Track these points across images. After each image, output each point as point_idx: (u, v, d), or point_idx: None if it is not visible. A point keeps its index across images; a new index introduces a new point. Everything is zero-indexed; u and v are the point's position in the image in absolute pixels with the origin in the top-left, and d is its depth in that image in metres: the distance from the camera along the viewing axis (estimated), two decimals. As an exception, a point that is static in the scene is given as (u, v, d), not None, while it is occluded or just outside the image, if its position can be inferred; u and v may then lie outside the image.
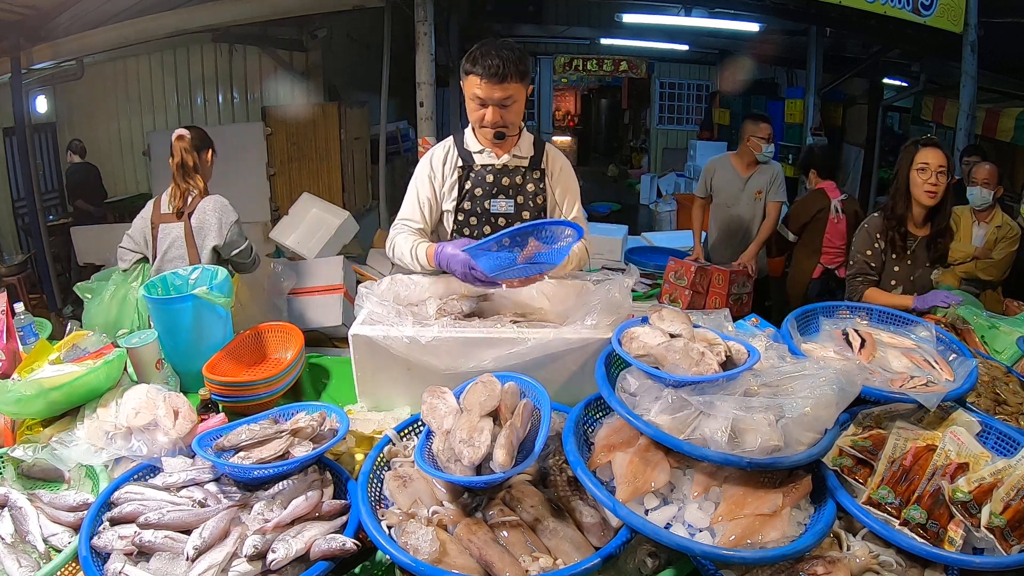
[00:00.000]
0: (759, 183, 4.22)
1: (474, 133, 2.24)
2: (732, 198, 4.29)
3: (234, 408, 1.89)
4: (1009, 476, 1.29)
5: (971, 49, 5.41)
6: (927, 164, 2.56)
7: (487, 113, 2.10)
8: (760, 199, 4.24)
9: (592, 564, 1.17)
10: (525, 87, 2.13)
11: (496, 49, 2.03)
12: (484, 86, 2.05)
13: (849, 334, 1.81)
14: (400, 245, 2.18)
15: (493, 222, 2.27)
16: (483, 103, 2.09)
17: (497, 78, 2.03)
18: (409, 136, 9.40)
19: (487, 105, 2.09)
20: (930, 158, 2.56)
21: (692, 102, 13.00)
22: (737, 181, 4.26)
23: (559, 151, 2.36)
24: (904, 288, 2.73)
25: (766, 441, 1.22)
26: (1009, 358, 2.11)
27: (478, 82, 2.05)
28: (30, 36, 5.42)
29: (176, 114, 7.64)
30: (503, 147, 2.21)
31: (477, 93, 2.07)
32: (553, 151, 2.33)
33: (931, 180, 2.56)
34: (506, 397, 1.43)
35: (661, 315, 1.58)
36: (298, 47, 7.60)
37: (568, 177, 2.33)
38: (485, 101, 2.08)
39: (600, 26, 10.91)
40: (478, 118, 2.14)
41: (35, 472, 1.58)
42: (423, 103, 5.36)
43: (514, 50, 2.06)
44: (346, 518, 1.33)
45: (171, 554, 1.24)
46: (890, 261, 2.74)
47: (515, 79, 2.06)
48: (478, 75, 2.04)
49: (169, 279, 2.26)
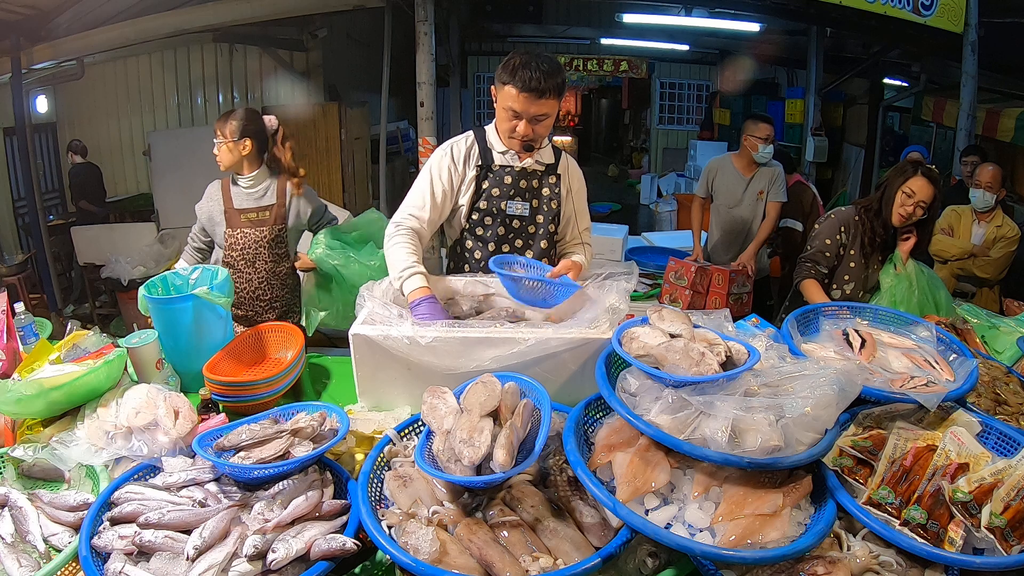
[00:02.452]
0: (761, 184, 4.22)
1: (498, 133, 2.22)
2: (734, 199, 4.28)
3: (234, 408, 1.89)
4: (1009, 476, 1.29)
5: (971, 49, 5.41)
6: (913, 193, 2.60)
7: (519, 126, 2.08)
8: (761, 200, 4.24)
9: (592, 564, 1.17)
10: (559, 103, 2.11)
11: (536, 62, 2.00)
12: (521, 100, 2.02)
13: (849, 334, 1.81)
14: (394, 257, 2.06)
15: (508, 223, 2.27)
16: (517, 116, 2.06)
17: (536, 93, 2.01)
18: (409, 136, 9.42)
19: (520, 118, 2.07)
20: (918, 188, 2.60)
21: (692, 102, 13.01)
22: (739, 182, 4.26)
23: (573, 160, 2.38)
24: (855, 284, 2.81)
25: (766, 441, 1.22)
26: (1009, 358, 2.12)
27: (515, 94, 2.02)
28: (30, 36, 5.43)
29: (176, 114, 7.65)
30: (527, 153, 2.21)
31: (512, 106, 2.04)
32: (570, 162, 2.34)
33: (908, 208, 2.62)
34: (506, 397, 1.43)
35: (661, 315, 1.58)
36: (298, 47, 7.62)
37: (582, 194, 2.37)
38: (520, 115, 2.06)
39: (600, 26, 10.92)
40: (509, 128, 2.11)
41: (35, 472, 1.58)
42: (423, 103, 5.37)
43: (553, 64, 2.03)
44: (346, 518, 1.33)
45: (171, 554, 1.24)
46: (848, 256, 2.80)
47: (553, 96, 2.04)
48: (516, 88, 2.01)
49: (169, 279, 2.26)
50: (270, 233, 2.73)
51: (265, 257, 2.76)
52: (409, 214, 2.18)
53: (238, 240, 2.72)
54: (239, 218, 2.72)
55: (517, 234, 2.30)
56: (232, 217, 2.72)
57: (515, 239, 2.31)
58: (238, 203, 2.73)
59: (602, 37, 11.33)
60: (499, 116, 2.13)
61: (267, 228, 2.73)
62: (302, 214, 2.80)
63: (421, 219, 2.17)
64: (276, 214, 2.74)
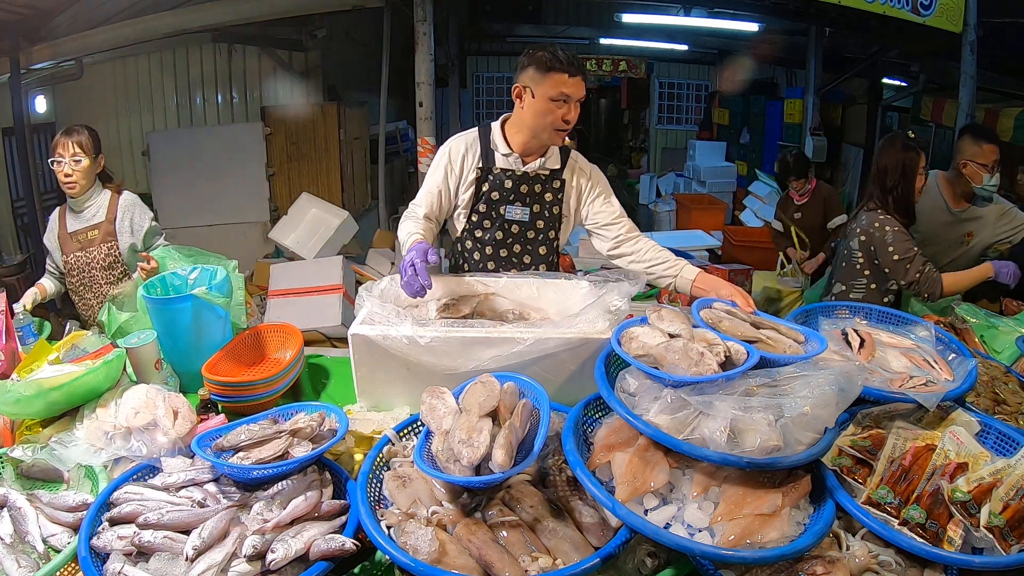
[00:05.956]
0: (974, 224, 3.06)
1: (503, 134, 2.22)
2: (931, 234, 3.09)
3: (233, 408, 1.89)
4: (1008, 476, 1.29)
5: (970, 49, 5.40)
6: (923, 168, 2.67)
7: (571, 110, 2.10)
8: (969, 244, 3.05)
9: (591, 564, 1.17)
10: None
11: (561, 49, 2.06)
12: (572, 83, 2.06)
13: (848, 334, 1.81)
14: (403, 229, 2.15)
15: (507, 228, 2.27)
16: (566, 99, 2.08)
17: (581, 73, 2.07)
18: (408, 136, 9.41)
19: (569, 102, 2.09)
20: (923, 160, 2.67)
21: (691, 102, 12.98)
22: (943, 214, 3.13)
23: (582, 157, 2.34)
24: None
25: (765, 441, 1.22)
26: (1008, 358, 2.12)
27: (566, 79, 2.05)
28: (29, 36, 5.41)
29: (175, 114, 7.63)
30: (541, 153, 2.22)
31: (565, 91, 2.06)
32: (579, 161, 2.31)
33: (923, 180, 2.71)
34: (505, 397, 1.43)
35: (660, 315, 1.58)
36: (297, 47, 7.60)
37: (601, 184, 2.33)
38: (570, 97, 2.08)
39: (599, 26, 10.91)
40: (559, 116, 2.10)
41: (34, 472, 1.58)
42: (422, 103, 5.36)
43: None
44: (345, 518, 1.33)
45: (170, 554, 1.24)
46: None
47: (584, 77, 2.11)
48: (567, 73, 2.04)
49: (168, 279, 2.26)
50: (100, 253, 2.72)
51: (100, 281, 2.76)
52: (415, 206, 2.25)
53: (73, 264, 2.73)
54: (71, 242, 2.71)
55: (516, 239, 2.30)
56: (66, 242, 2.72)
57: (513, 244, 2.30)
58: (71, 226, 2.73)
59: (601, 37, 11.31)
60: (539, 110, 2.10)
61: (96, 248, 2.72)
62: (136, 229, 2.76)
63: (419, 215, 2.20)
64: (105, 231, 2.72)
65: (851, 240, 2.79)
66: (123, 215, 2.74)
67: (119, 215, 2.73)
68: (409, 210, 2.25)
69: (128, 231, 2.74)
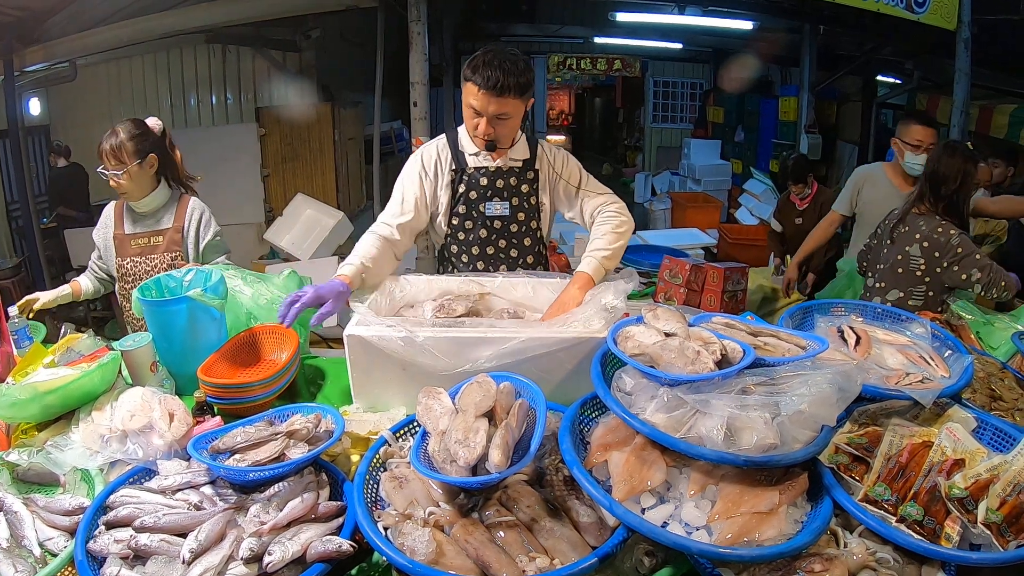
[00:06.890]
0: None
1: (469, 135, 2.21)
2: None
3: (229, 410, 1.88)
4: (1005, 472, 1.30)
5: (964, 46, 5.42)
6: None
7: (480, 123, 2.06)
8: None
9: (589, 564, 1.17)
10: (524, 103, 2.09)
11: (500, 60, 1.98)
12: (481, 97, 2.01)
13: (844, 331, 1.81)
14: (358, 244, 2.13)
15: (489, 225, 2.27)
16: (478, 113, 2.05)
17: (495, 91, 1.99)
18: (403, 136, 9.42)
19: (481, 116, 2.05)
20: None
21: (686, 100, 12.99)
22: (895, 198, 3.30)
23: (552, 145, 2.32)
24: None
25: (762, 439, 1.22)
26: (1004, 354, 2.12)
27: (475, 91, 2.01)
28: (23, 38, 5.40)
29: (170, 115, 7.62)
30: (496, 154, 2.18)
31: (472, 103, 2.04)
32: (549, 151, 2.29)
33: None
34: (501, 397, 1.43)
35: (656, 314, 1.58)
36: (292, 47, 7.60)
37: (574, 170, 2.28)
38: (480, 112, 2.05)
39: (594, 25, 10.91)
40: (472, 126, 2.11)
41: (30, 476, 1.57)
42: (417, 103, 5.36)
43: (519, 63, 2.01)
44: (342, 520, 1.33)
45: (167, 557, 1.23)
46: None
47: (514, 94, 2.01)
48: (476, 85, 2.00)
49: (163, 281, 2.25)
50: (163, 263, 2.55)
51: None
52: (383, 222, 2.21)
53: (129, 270, 2.56)
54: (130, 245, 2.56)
55: (499, 234, 2.30)
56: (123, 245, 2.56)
57: (498, 239, 2.30)
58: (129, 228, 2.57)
59: (595, 36, 11.33)
60: (464, 112, 2.12)
61: (159, 257, 2.55)
62: (198, 240, 2.60)
63: (393, 226, 2.18)
64: (170, 239, 2.55)
65: (908, 246, 2.75)
66: (189, 224, 2.59)
67: (186, 223, 2.58)
68: (373, 229, 2.19)
69: (193, 243, 2.59)
